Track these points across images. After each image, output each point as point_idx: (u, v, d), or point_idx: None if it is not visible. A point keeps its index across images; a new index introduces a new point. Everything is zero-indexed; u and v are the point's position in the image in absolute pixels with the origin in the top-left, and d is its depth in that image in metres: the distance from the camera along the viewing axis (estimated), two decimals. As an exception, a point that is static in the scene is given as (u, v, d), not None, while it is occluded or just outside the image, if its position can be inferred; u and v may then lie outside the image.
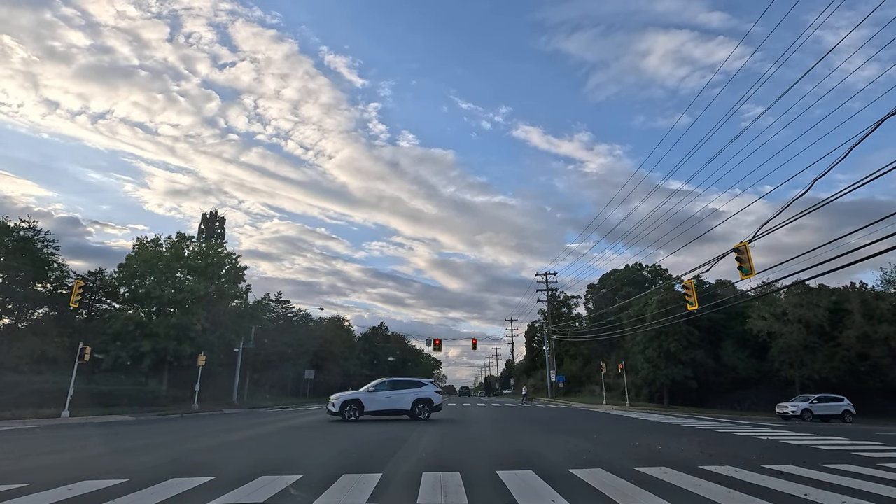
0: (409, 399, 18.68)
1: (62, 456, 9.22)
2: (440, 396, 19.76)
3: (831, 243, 14.45)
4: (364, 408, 18.06)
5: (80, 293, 22.17)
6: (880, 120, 11.71)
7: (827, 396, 29.79)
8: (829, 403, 28.96)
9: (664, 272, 57.50)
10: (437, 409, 19.40)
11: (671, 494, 5.67)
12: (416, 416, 18.46)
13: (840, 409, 28.77)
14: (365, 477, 6.64)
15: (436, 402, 19.19)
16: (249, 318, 37.55)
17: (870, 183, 43.51)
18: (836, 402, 29.21)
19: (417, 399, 18.74)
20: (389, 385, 19.26)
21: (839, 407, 28.86)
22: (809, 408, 28.24)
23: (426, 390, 19.25)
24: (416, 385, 19.60)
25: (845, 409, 28.66)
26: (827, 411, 28.45)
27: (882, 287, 36.79)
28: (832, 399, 29.44)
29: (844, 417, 28.28)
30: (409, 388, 19.17)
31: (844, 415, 28.39)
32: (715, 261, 19.18)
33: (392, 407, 18.48)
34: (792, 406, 28.65)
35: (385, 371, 78.58)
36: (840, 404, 28.97)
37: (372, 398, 18.33)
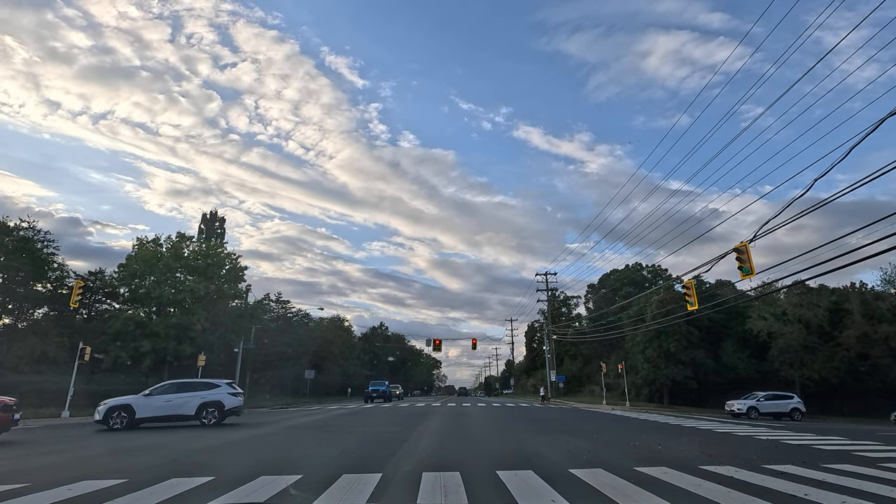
0: (195, 403, 16.33)
1: (62, 456, 9.22)
2: (239, 399, 17.38)
3: (831, 243, 14.46)
4: (136, 414, 15.42)
5: (80, 293, 22.17)
6: (880, 120, 11.71)
7: (776, 394, 29.94)
8: (777, 401, 29.03)
9: (664, 272, 57.51)
10: (233, 413, 17.01)
11: (671, 494, 5.67)
12: (203, 421, 16.21)
13: (789, 406, 28.76)
14: (365, 477, 6.63)
15: (229, 405, 16.76)
16: (249, 318, 37.55)
17: (870, 183, 43.51)
18: (786, 399, 29.24)
19: (205, 402, 16.40)
20: (174, 387, 16.89)
21: (788, 405, 28.81)
22: (756, 405, 28.34)
23: (218, 392, 16.83)
24: (207, 387, 17.14)
25: (794, 407, 28.66)
26: (775, 409, 28.47)
27: (882, 287, 36.84)
28: (782, 397, 29.55)
29: (793, 415, 28.21)
30: (196, 391, 16.73)
31: (793, 412, 28.33)
32: (715, 261, 19.19)
33: (173, 412, 16.11)
34: (738, 404, 28.73)
35: (385, 371, 78.67)
36: (789, 402, 29.00)
37: (147, 403, 15.85)
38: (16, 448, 10.64)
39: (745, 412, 27.71)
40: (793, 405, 28.71)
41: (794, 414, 28.30)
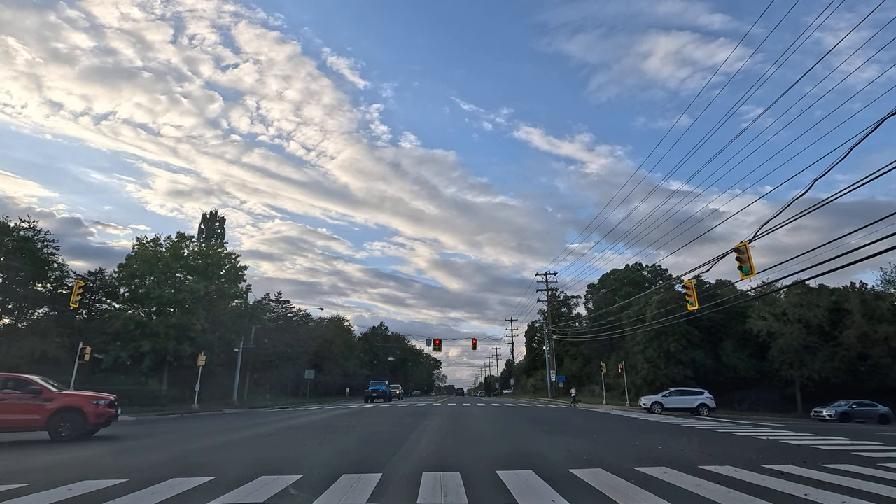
0: None
1: (62, 456, 9.22)
2: None
3: (831, 243, 14.46)
4: None
5: (80, 293, 22.17)
6: (880, 120, 11.71)
7: (684, 390, 30.37)
8: (683, 397, 29.32)
9: (664, 272, 57.50)
10: None
11: (671, 494, 5.67)
12: None
13: (695, 402, 28.71)
14: (365, 477, 6.63)
15: None
16: (249, 318, 37.55)
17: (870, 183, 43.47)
18: (694, 395, 29.31)
19: None
20: None
21: (695, 400, 28.85)
22: (660, 401, 28.88)
23: None
24: None
25: (701, 403, 28.71)
26: (681, 404, 28.67)
27: (882, 287, 36.81)
28: (690, 392, 29.80)
29: (700, 411, 28.17)
30: None
31: (700, 408, 28.33)
32: (715, 261, 19.19)
33: None
34: (645, 399, 29.42)
35: (385, 371, 78.64)
36: (696, 398, 29.03)
37: None
38: (15, 448, 10.64)
39: (648, 407, 28.61)
40: (700, 401, 28.74)
41: (702, 410, 28.23)
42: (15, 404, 12.00)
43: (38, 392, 12.34)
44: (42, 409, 12.09)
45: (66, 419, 12.20)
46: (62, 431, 12.09)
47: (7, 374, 13.19)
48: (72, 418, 12.28)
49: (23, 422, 11.98)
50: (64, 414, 12.21)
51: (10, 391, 12.21)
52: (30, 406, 12.05)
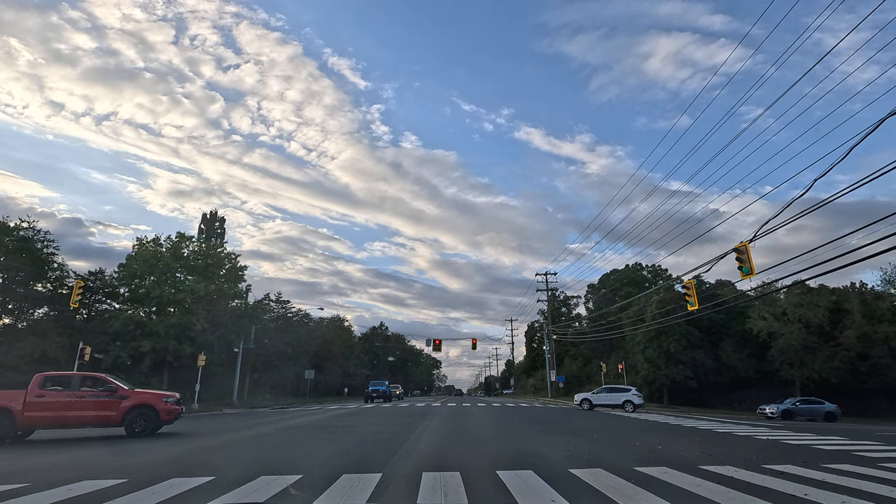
0: None
1: (62, 456, 9.22)
2: None
3: (831, 243, 14.46)
4: None
5: (80, 293, 22.17)
6: (880, 120, 11.71)
7: (613, 387, 31.59)
8: (611, 394, 30.39)
9: (664, 272, 57.47)
10: None
11: (671, 494, 5.67)
12: None
13: (621, 399, 29.61)
14: (365, 477, 6.63)
15: None
16: (249, 318, 37.54)
17: (870, 183, 43.43)
18: (621, 392, 30.38)
19: None
20: None
21: (621, 397, 29.79)
22: (590, 398, 30.36)
23: None
24: None
25: (626, 399, 29.41)
26: (608, 401, 29.86)
27: (882, 287, 36.79)
28: (618, 389, 30.86)
29: (626, 407, 29.14)
30: None
31: (625, 404, 29.26)
32: (715, 261, 19.18)
33: None
34: (578, 396, 31.38)
35: (385, 371, 78.65)
36: (623, 395, 29.92)
37: None
38: (15, 448, 10.64)
39: (579, 403, 30.45)
40: (625, 398, 29.62)
41: (627, 406, 29.09)
42: (93, 402, 12.66)
43: (113, 390, 12.99)
44: (117, 406, 12.77)
45: (140, 416, 12.89)
46: (136, 427, 12.75)
47: (85, 373, 13.91)
48: (145, 415, 12.98)
49: (100, 418, 12.68)
50: (138, 411, 12.91)
51: (88, 389, 12.85)
52: (107, 403, 12.72)
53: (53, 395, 12.40)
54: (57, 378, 13.03)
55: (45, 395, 12.28)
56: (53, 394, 12.41)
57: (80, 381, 13.02)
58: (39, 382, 12.45)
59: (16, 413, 11.77)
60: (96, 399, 12.71)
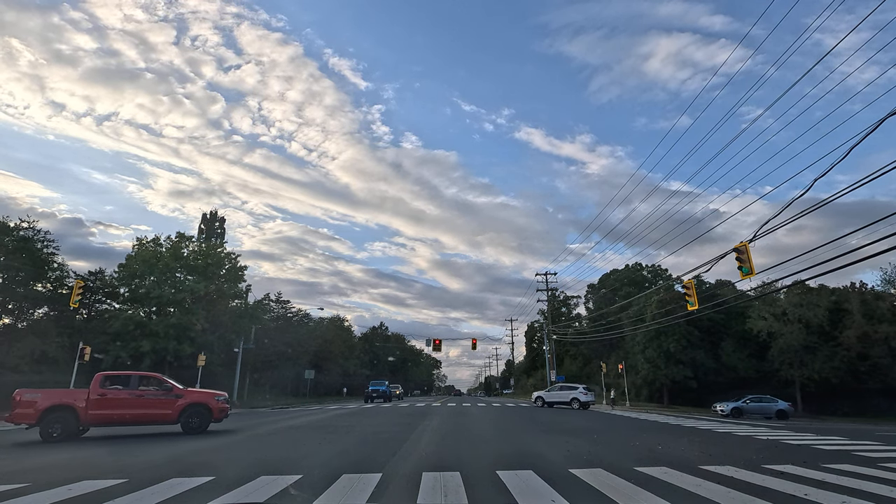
0: None
1: (62, 456, 9.22)
2: None
3: (831, 243, 14.45)
4: None
5: (80, 293, 22.17)
6: (880, 120, 11.71)
7: (564, 385, 33.25)
8: (561, 392, 31.72)
9: (664, 272, 57.49)
10: None
11: (671, 494, 5.67)
12: None
13: (569, 396, 30.72)
14: (365, 477, 6.63)
15: None
16: (249, 318, 37.55)
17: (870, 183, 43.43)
18: (570, 390, 31.62)
19: None
20: None
21: (568, 395, 30.92)
22: (543, 395, 32.18)
23: None
24: None
25: (573, 397, 30.50)
26: (559, 398, 31.21)
27: (882, 287, 36.76)
28: (567, 388, 32.19)
29: (572, 404, 30.22)
30: None
31: (572, 402, 30.32)
32: (715, 261, 19.17)
33: None
34: (535, 394, 33.33)
35: (385, 371, 78.64)
36: (570, 392, 31.14)
37: None
38: (16, 448, 10.64)
39: (534, 401, 32.16)
40: (573, 395, 30.67)
41: (573, 403, 30.22)
42: (153, 400, 13.22)
43: (169, 389, 13.53)
44: (174, 404, 13.31)
45: (195, 414, 13.49)
46: (192, 424, 13.34)
47: (142, 373, 14.44)
48: (200, 413, 13.58)
49: (159, 416, 13.21)
50: (193, 409, 13.51)
51: (146, 388, 13.40)
52: (164, 402, 13.26)
53: (114, 393, 12.86)
54: (116, 377, 13.50)
55: (107, 394, 12.74)
56: (114, 392, 12.87)
57: (138, 380, 13.55)
58: (100, 381, 12.88)
59: (80, 410, 12.24)
60: (154, 398, 13.23)
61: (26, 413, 11.93)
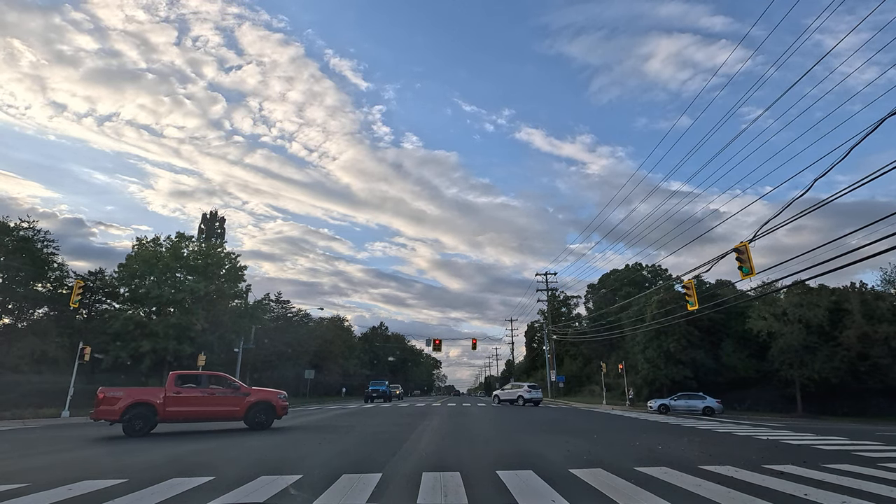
0: None
1: (62, 456, 9.22)
2: None
3: (831, 243, 14.46)
4: None
5: (79, 293, 22.17)
6: (880, 120, 11.71)
7: (516, 384, 35.98)
8: (512, 390, 34.72)
9: (664, 272, 57.49)
10: None
11: (671, 494, 5.67)
12: None
13: (516, 394, 33.35)
14: (365, 477, 6.63)
15: None
16: (249, 318, 37.54)
17: (870, 183, 43.46)
18: (518, 388, 34.56)
19: None
20: None
21: (515, 393, 33.68)
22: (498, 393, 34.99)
23: None
24: None
25: (518, 395, 33.06)
26: (508, 397, 34.21)
27: (882, 287, 36.73)
28: (517, 386, 35.20)
29: (518, 401, 32.49)
30: None
31: (518, 399, 32.69)
32: (715, 261, 19.17)
33: None
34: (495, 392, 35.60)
35: (385, 371, 78.63)
36: (517, 391, 34.13)
37: None
38: (16, 448, 10.64)
39: (492, 399, 35.29)
40: (518, 393, 33.50)
41: (519, 400, 32.71)
42: (222, 397, 13.98)
43: (237, 388, 14.35)
44: (242, 401, 14.09)
45: (261, 411, 14.32)
46: (258, 421, 14.15)
47: (210, 372, 15.20)
48: (265, 410, 14.41)
49: (227, 412, 13.97)
50: (259, 406, 14.32)
51: (215, 386, 14.13)
52: (233, 400, 14.05)
53: (188, 391, 13.55)
54: (188, 376, 14.20)
55: (182, 392, 13.42)
56: (188, 390, 13.57)
57: (208, 379, 14.32)
58: (175, 380, 13.56)
59: (158, 407, 12.97)
60: (224, 395, 14.00)
61: (110, 410, 12.58)
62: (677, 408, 29.94)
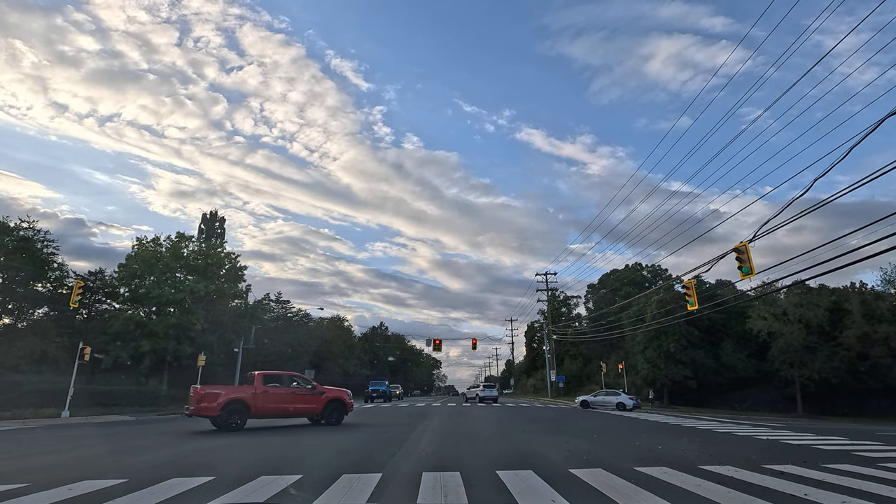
0: None
1: (62, 456, 9.22)
2: None
3: (831, 243, 14.46)
4: None
5: (79, 293, 22.16)
6: (880, 120, 11.71)
7: (488, 385, 40.52)
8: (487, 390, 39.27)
9: (664, 272, 57.49)
10: None
11: (671, 494, 5.67)
12: None
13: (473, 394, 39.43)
14: (365, 477, 6.63)
15: None
16: (249, 317, 37.50)
17: (870, 183, 43.39)
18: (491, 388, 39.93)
19: None
20: None
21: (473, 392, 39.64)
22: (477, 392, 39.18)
23: None
24: None
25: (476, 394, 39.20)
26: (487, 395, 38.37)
27: (882, 287, 36.75)
28: (490, 386, 40.10)
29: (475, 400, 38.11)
30: None
31: (475, 397, 38.45)
32: (715, 261, 19.17)
33: None
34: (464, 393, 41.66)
35: (385, 371, 78.60)
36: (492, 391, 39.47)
37: None
38: (16, 448, 10.64)
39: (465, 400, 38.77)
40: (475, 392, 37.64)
41: (475, 399, 38.00)
42: (303, 396, 15.18)
43: (314, 387, 15.60)
44: (319, 399, 15.38)
45: (335, 408, 15.65)
46: (333, 417, 15.45)
47: (290, 372, 16.52)
48: (338, 407, 15.76)
49: (308, 409, 15.24)
50: (334, 404, 15.64)
51: (296, 385, 15.31)
52: (312, 398, 15.31)
53: (273, 389, 14.54)
54: (271, 376, 15.23)
55: (269, 390, 14.39)
56: (273, 389, 14.55)
57: (289, 378, 15.50)
58: (262, 379, 14.49)
59: (251, 404, 13.89)
60: (304, 394, 15.17)
61: (210, 406, 13.33)
62: (595, 404, 31.94)
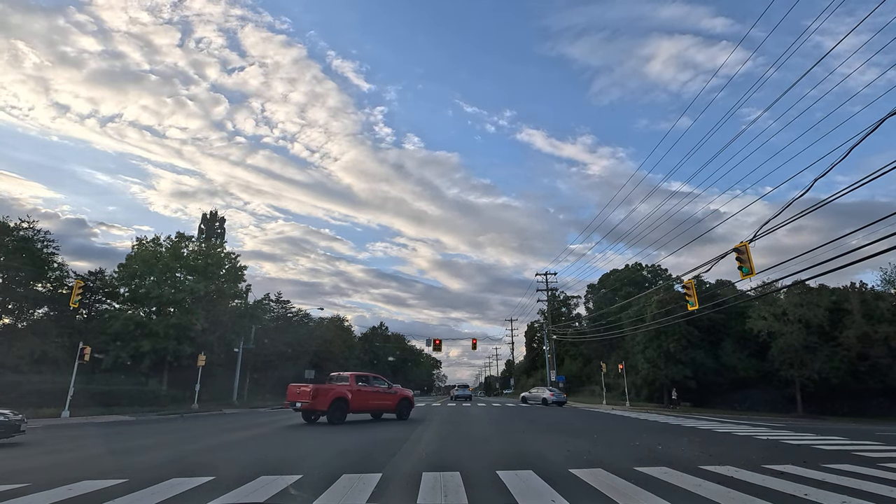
0: None
1: (62, 456, 9.22)
2: None
3: (831, 243, 14.44)
4: None
5: (79, 293, 22.16)
6: (880, 120, 11.70)
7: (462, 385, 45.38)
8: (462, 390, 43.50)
9: (664, 272, 57.47)
10: None
11: (671, 494, 5.67)
12: None
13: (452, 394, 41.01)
14: (365, 477, 6.63)
15: None
16: (249, 317, 37.52)
17: (870, 183, 43.36)
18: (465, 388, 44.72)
19: None
20: None
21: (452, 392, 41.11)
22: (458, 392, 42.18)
23: None
24: None
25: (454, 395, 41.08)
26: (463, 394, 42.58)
27: (882, 287, 36.73)
28: (464, 386, 45.61)
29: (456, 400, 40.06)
30: None
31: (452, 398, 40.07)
32: (715, 261, 19.16)
33: None
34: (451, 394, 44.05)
35: (385, 371, 78.59)
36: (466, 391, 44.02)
37: None
38: (16, 448, 10.64)
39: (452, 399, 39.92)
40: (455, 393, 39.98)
41: (453, 400, 40.16)
42: (384, 394, 17.19)
43: (389, 386, 17.66)
44: (394, 397, 17.45)
45: (405, 406, 17.70)
46: (403, 413, 17.46)
47: (371, 374, 18.31)
48: (407, 405, 17.79)
49: (386, 406, 17.22)
50: (404, 402, 17.72)
51: (378, 385, 17.25)
52: (390, 396, 17.41)
53: (363, 388, 16.38)
54: (360, 376, 17.02)
55: (360, 389, 16.21)
56: (363, 388, 16.36)
57: (374, 379, 17.40)
58: (354, 380, 16.32)
59: (349, 400, 15.65)
60: (384, 392, 17.10)
61: (322, 402, 15.12)
62: (529, 399, 36.77)
